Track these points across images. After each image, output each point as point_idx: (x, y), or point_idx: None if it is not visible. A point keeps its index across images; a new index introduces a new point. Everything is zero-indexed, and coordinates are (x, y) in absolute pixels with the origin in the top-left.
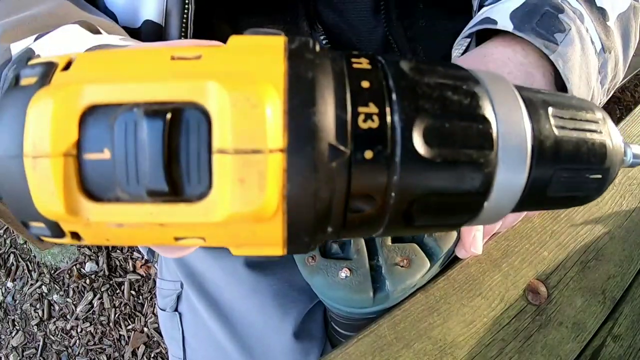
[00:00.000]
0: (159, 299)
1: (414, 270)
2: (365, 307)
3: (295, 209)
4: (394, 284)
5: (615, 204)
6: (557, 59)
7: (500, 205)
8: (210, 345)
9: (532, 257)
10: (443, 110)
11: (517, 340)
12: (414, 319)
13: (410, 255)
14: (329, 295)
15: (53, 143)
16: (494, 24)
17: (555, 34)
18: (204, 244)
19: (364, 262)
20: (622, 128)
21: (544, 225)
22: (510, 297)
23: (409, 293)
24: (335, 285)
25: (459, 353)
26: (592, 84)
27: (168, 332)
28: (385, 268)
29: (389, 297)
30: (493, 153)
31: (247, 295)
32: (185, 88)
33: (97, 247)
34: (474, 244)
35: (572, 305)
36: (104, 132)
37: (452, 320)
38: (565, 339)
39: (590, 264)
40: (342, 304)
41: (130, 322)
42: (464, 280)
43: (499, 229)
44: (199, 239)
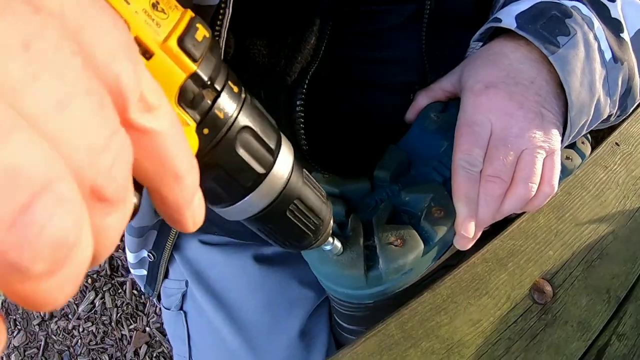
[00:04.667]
0: (164, 298)
1: (406, 250)
2: (359, 288)
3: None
4: (386, 263)
5: (619, 203)
6: (557, 60)
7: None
8: (215, 343)
9: (538, 257)
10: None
11: (524, 339)
12: (422, 317)
13: (404, 236)
14: (322, 271)
15: None
16: (499, 22)
17: (558, 36)
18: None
19: (358, 240)
20: (623, 128)
21: (549, 225)
22: (517, 296)
23: (408, 278)
24: (327, 261)
25: (466, 352)
26: (597, 91)
27: (173, 330)
28: (379, 247)
29: (382, 277)
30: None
31: (253, 292)
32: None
33: None
34: (464, 227)
35: (577, 304)
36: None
37: (459, 319)
38: (571, 337)
39: (595, 263)
40: (334, 281)
41: (132, 322)
42: (471, 280)
43: (486, 226)
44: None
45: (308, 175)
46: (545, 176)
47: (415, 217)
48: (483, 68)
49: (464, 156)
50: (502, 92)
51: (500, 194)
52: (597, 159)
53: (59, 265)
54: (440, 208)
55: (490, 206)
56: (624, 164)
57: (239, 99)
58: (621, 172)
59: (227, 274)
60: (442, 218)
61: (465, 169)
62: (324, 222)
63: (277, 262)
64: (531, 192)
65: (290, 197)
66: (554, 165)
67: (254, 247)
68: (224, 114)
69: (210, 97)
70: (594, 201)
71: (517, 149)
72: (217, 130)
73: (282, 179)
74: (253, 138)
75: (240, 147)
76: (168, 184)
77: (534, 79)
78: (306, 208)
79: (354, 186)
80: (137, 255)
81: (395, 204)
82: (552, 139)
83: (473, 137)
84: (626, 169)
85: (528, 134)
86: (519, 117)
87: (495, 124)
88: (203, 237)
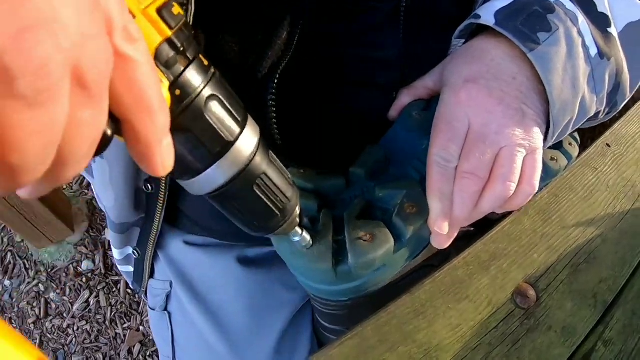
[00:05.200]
0: (150, 298)
1: (376, 246)
2: (331, 283)
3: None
4: (355, 257)
5: (608, 205)
6: (536, 58)
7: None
8: (199, 344)
9: (522, 260)
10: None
11: (505, 345)
12: (399, 321)
13: (374, 231)
14: (293, 264)
15: None
16: (478, 18)
17: (538, 32)
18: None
19: (327, 234)
20: (617, 129)
21: (534, 228)
22: (498, 300)
23: (381, 278)
24: (297, 254)
25: (444, 357)
26: (581, 88)
27: (158, 331)
28: (348, 242)
29: (351, 272)
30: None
31: (237, 294)
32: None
33: (93, 246)
34: (437, 224)
35: (562, 309)
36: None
37: (438, 323)
38: (555, 343)
39: (581, 267)
40: (305, 275)
41: (126, 321)
42: (451, 283)
43: (468, 225)
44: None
45: (274, 157)
46: (525, 175)
47: (388, 213)
48: (464, 64)
49: (439, 151)
50: (482, 87)
51: (476, 190)
52: (587, 160)
53: (38, 98)
54: (413, 204)
55: (465, 203)
56: (615, 165)
57: (208, 71)
58: (611, 173)
59: (210, 276)
60: (415, 214)
61: (439, 164)
62: (290, 202)
63: (260, 264)
64: (509, 190)
65: (256, 171)
66: (535, 164)
67: (237, 249)
68: (195, 79)
69: (183, 64)
70: (582, 203)
71: (496, 146)
72: (188, 94)
73: (247, 152)
74: (221, 107)
75: (208, 112)
76: (142, 117)
77: (516, 75)
78: (272, 185)
79: (329, 182)
80: (122, 252)
81: (370, 200)
82: (533, 137)
83: (450, 133)
84: (617, 171)
85: (507, 130)
86: (499, 114)
87: (474, 120)
88: (187, 237)
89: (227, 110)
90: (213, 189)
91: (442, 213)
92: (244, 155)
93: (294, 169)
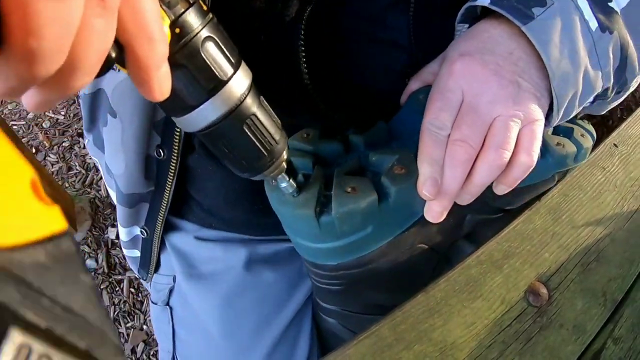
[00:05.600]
0: (153, 292)
1: (358, 197)
2: (315, 238)
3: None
4: (337, 207)
5: (616, 205)
6: (530, 30)
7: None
8: (201, 339)
9: (534, 259)
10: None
11: (518, 342)
12: (415, 320)
13: (360, 185)
14: (279, 211)
15: None
16: (474, 1)
17: (533, 7)
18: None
19: (316, 184)
20: (624, 129)
21: (545, 227)
22: (511, 298)
23: (359, 236)
24: (284, 201)
25: (460, 355)
26: (582, 61)
27: (159, 325)
28: (334, 194)
29: (334, 224)
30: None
31: (245, 290)
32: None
33: (96, 244)
34: (425, 186)
35: (572, 307)
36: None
37: (452, 321)
38: (566, 341)
39: (591, 266)
40: (291, 224)
41: (129, 320)
42: (465, 282)
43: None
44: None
45: (265, 102)
46: (522, 144)
47: (377, 175)
48: (462, 41)
49: (431, 120)
50: (476, 59)
51: (467, 159)
52: (595, 160)
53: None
54: (402, 167)
55: (456, 171)
56: (622, 165)
57: (206, 15)
58: (619, 173)
59: (220, 270)
60: (403, 175)
61: (431, 131)
62: (278, 145)
63: (269, 262)
64: (503, 158)
65: (246, 111)
66: (534, 135)
67: (248, 246)
68: (193, 21)
69: (184, 6)
70: (591, 203)
71: (489, 116)
72: (186, 33)
73: (239, 92)
74: (216, 48)
75: (204, 51)
76: (143, 43)
77: (513, 51)
78: (262, 126)
79: (328, 146)
80: (130, 231)
81: (363, 164)
82: (529, 109)
83: (442, 102)
84: (624, 171)
85: (501, 100)
86: (493, 84)
87: (467, 90)
88: (198, 233)
89: (221, 52)
90: (206, 125)
91: (431, 177)
92: (235, 95)
93: (299, 134)
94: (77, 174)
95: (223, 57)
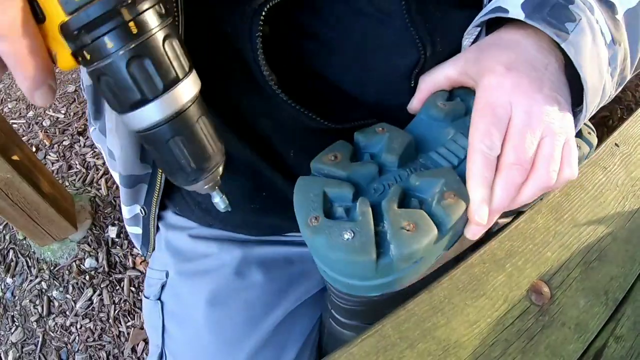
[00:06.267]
0: (146, 287)
1: (419, 235)
2: (368, 278)
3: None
4: (398, 248)
5: (618, 204)
6: (569, 47)
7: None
8: (189, 335)
9: (536, 258)
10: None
11: (521, 341)
12: (418, 318)
13: (417, 220)
14: (330, 258)
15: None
16: (506, 12)
17: (566, 23)
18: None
19: (368, 224)
20: (625, 129)
21: (547, 226)
22: (514, 297)
23: (415, 273)
24: (336, 246)
25: (463, 353)
26: (604, 75)
27: (149, 319)
28: (391, 232)
29: (392, 265)
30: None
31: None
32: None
33: (97, 243)
34: (478, 213)
35: (575, 306)
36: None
37: (455, 320)
38: (568, 339)
39: (593, 265)
40: (343, 269)
41: (130, 319)
42: (468, 281)
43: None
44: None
45: (206, 120)
46: (565, 160)
47: (426, 202)
48: (498, 51)
49: (484, 139)
50: (523, 75)
51: (522, 182)
52: (597, 160)
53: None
54: (452, 193)
55: (508, 194)
56: (624, 165)
57: (136, 35)
58: (620, 173)
59: (212, 267)
60: (455, 203)
61: (484, 152)
62: (211, 164)
63: (262, 265)
64: (552, 179)
65: (190, 119)
66: (571, 150)
67: (243, 247)
68: (112, 42)
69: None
70: (592, 202)
71: (538, 135)
72: (101, 56)
73: (185, 98)
74: (152, 62)
75: (134, 65)
76: (18, 77)
77: (547, 65)
78: (203, 135)
79: (361, 169)
80: (131, 209)
81: (405, 188)
82: (568, 125)
83: (494, 119)
84: (625, 170)
85: (548, 119)
86: (540, 101)
87: (516, 107)
88: (193, 231)
89: (159, 63)
90: (149, 125)
91: (484, 201)
92: (181, 101)
93: (325, 156)
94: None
95: (176, 60)
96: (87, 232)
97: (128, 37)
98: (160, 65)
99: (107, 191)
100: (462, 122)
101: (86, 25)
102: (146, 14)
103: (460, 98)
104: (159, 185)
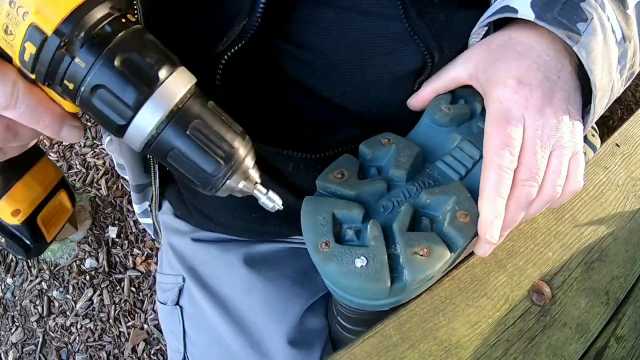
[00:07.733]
0: (159, 293)
1: (434, 260)
2: (380, 299)
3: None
4: (412, 274)
5: (618, 204)
6: (580, 49)
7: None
8: (213, 340)
9: (537, 258)
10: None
11: (522, 341)
12: (420, 319)
13: (430, 245)
14: (343, 285)
15: None
16: (515, 12)
17: (577, 23)
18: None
19: (381, 249)
20: (626, 129)
21: (548, 226)
22: (515, 297)
23: (425, 286)
24: (350, 274)
25: (464, 354)
26: (613, 74)
27: (168, 325)
28: (404, 257)
29: (406, 288)
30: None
31: (248, 289)
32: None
33: (97, 243)
34: (490, 231)
35: (576, 306)
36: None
37: (457, 320)
38: (569, 339)
39: (594, 265)
40: (356, 294)
41: (130, 319)
42: (469, 281)
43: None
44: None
45: (216, 106)
46: (571, 174)
47: (437, 221)
48: (511, 60)
49: (499, 154)
50: (536, 89)
51: (533, 198)
52: (598, 160)
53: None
54: (465, 212)
55: (521, 210)
56: (624, 165)
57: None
58: (621, 173)
59: (220, 271)
60: (468, 223)
61: (502, 169)
62: (237, 151)
63: (268, 261)
64: (557, 194)
65: (188, 115)
66: (579, 164)
67: (245, 246)
68: (87, 58)
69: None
70: (593, 202)
71: (549, 150)
72: (77, 81)
73: (175, 97)
74: (129, 66)
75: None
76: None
77: (560, 73)
78: (210, 129)
79: (370, 188)
80: (141, 206)
81: (415, 206)
82: (577, 137)
83: (508, 135)
84: (626, 170)
85: (558, 133)
86: (550, 115)
87: (529, 122)
88: (195, 234)
89: (137, 67)
90: (146, 138)
91: (497, 219)
92: (171, 100)
93: (331, 174)
94: (78, 172)
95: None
96: (87, 232)
97: (79, 74)
98: (123, 83)
99: (108, 191)
100: (467, 126)
101: (47, 75)
102: (83, 48)
103: (464, 100)
104: (154, 192)
